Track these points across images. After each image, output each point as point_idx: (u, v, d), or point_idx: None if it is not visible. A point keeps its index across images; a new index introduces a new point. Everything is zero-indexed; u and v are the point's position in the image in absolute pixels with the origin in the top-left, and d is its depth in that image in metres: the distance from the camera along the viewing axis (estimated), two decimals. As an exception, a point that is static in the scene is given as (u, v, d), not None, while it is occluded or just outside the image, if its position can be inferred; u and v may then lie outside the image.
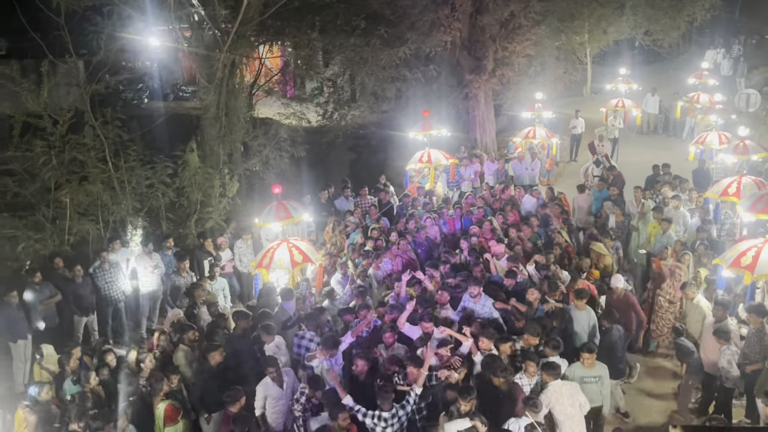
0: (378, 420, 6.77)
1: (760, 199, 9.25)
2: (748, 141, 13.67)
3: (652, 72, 30.78)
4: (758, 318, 8.44)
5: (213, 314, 9.61)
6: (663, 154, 19.15)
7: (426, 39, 17.40)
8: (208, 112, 14.35)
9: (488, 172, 16.83)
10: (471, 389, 6.80)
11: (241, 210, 14.10)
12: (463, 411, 6.60)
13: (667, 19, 21.73)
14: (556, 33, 20.60)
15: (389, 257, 11.21)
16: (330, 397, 6.99)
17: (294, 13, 16.91)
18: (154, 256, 11.59)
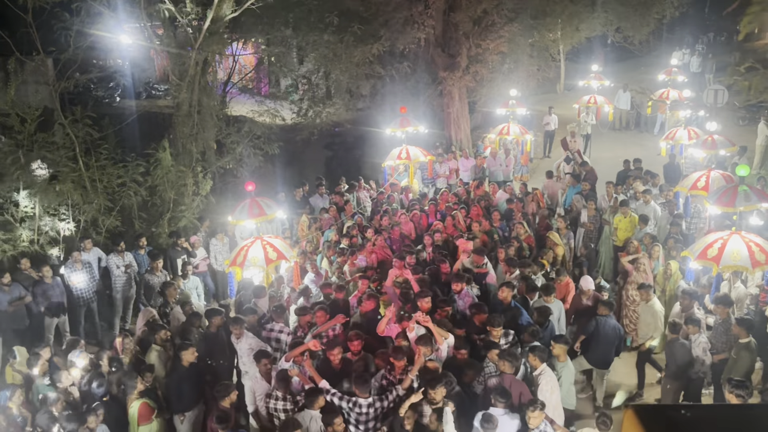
0: (353, 405, 6.79)
1: (725, 192, 9.41)
2: (717, 136, 13.90)
3: (623, 69, 31.21)
4: (725, 308, 8.64)
5: (186, 313, 9.54)
6: (635, 149, 19.44)
7: (400, 36, 17.43)
8: (180, 110, 14.22)
9: (463, 169, 16.94)
10: (441, 378, 6.83)
11: (215, 208, 14.01)
12: (434, 400, 6.64)
13: (637, 17, 22.02)
14: (529, 30, 20.71)
15: (364, 254, 11.23)
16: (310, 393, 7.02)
17: (267, 9, 16.79)
18: (127, 256, 11.48)
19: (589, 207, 12.95)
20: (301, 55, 20.57)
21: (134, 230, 12.84)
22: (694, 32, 33.79)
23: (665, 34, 34.17)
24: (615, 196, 13.15)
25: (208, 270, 12.39)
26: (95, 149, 12.60)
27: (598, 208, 13.15)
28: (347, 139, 22.23)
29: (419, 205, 13.61)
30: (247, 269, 9.75)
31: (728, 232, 8.73)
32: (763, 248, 8.44)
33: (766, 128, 17.61)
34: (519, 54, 21.21)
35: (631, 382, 9.76)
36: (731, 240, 8.54)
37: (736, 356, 7.95)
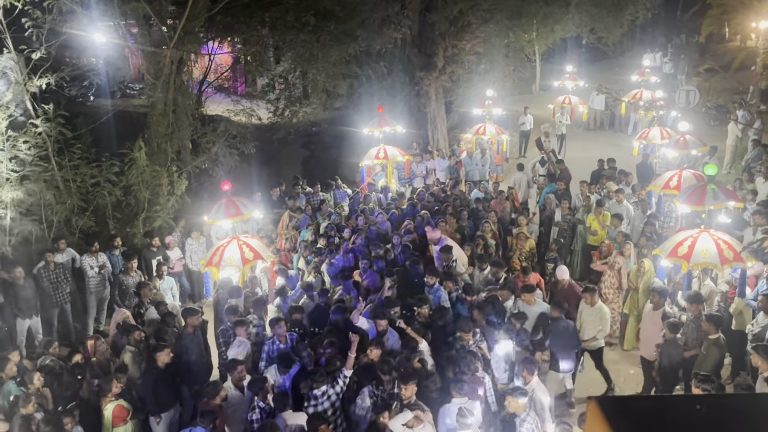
0: (310, 398, 7.00)
1: (694, 191, 9.58)
2: (688, 136, 14.12)
3: (598, 69, 31.55)
4: (696, 306, 8.80)
5: (161, 313, 9.48)
6: (609, 149, 19.67)
7: (376, 36, 17.47)
8: (155, 109, 14.10)
9: (439, 169, 17.03)
10: (413, 374, 6.88)
11: (191, 208, 13.93)
12: (404, 397, 6.69)
13: (610, 18, 22.33)
14: (505, 31, 20.92)
15: (341, 254, 11.25)
16: (279, 398, 7.04)
17: (243, 9, 16.74)
18: (101, 256, 11.36)
19: (562, 206, 13.10)
20: (278, 55, 20.51)
21: (108, 230, 12.72)
22: (667, 34, 34.28)
23: (638, 35, 34.62)
24: (588, 195, 13.31)
25: (183, 270, 12.32)
26: (68, 148, 12.46)
27: (572, 207, 13.31)
28: (324, 139, 22.21)
29: (396, 205, 13.66)
30: (224, 269, 9.73)
31: (698, 231, 8.89)
32: (731, 246, 8.61)
33: (736, 129, 17.95)
34: (495, 54, 21.41)
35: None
36: (700, 238, 8.71)
37: (706, 351, 8.10)
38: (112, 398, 7.54)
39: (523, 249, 11.27)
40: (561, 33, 24.15)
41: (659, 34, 33.42)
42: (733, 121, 17.75)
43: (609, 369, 10.07)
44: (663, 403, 2.70)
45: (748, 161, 16.38)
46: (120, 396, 7.63)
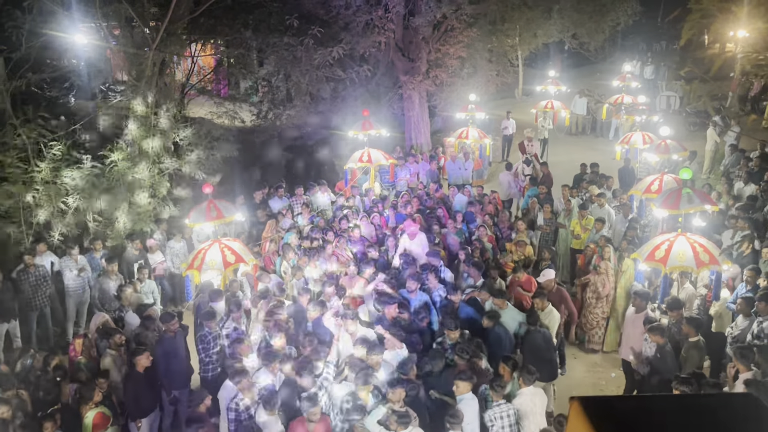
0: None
1: (670, 195, 9.67)
2: (669, 141, 14.28)
3: (580, 75, 31.86)
4: (677, 312, 8.89)
5: (142, 317, 9.39)
6: (591, 153, 19.84)
7: (360, 40, 17.47)
8: (137, 111, 13.99)
9: (422, 172, 17.07)
10: (399, 380, 6.87)
11: (173, 210, 13.81)
12: (392, 401, 6.67)
13: (592, 24, 22.52)
14: (488, 35, 21.01)
15: (324, 256, 11.22)
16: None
17: (226, 11, 16.70)
18: (80, 259, 11.24)
19: (545, 210, 13.18)
20: (261, 58, 20.46)
21: (89, 233, 12.59)
22: (647, 40, 34.66)
23: (620, 41, 34.98)
24: (570, 199, 13.40)
25: (165, 273, 12.21)
26: (48, 150, 12.33)
27: (554, 211, 13.40)
28: (307, 142, 22.16)
29: (378, 208, 13.66)
30: (205, 272, 9.65)
31: (674, 234, 8.98)
32: (707, 249, 8.70)
33: (714, 134, 18.18)
34: (478, 59, 21.50)
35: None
36: (677, 241, 8.78)
37: (686, 354, 8.17)
38: (92, 405, 7.44)
39: (522, 255, 11.30)
40: (544, 38, 24.32)
41: (640, 41, 33.78)
42: (712, 125, 17.96)
43: (591, 372, 10.17)
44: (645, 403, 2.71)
45: (727, 166, 16.60)
46: (101, 403, 7.53)
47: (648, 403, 2.68)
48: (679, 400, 2.62)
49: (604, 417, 2.37)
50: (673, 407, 2.55)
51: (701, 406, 2.54)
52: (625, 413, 2.42)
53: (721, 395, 4.72)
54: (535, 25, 21.91)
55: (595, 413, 2.38)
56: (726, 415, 2.44)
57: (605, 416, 2.38)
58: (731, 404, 2.62)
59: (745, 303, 8.84)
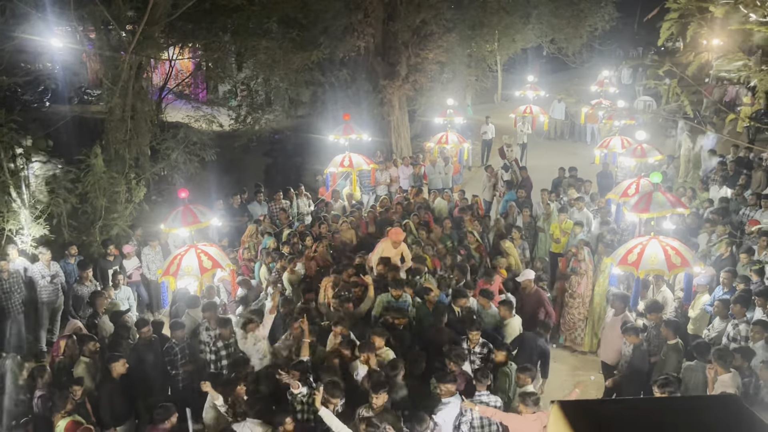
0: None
1: (641, 199, 9.74)
2: (645, 145, 14.41)
3: (558, 80, 32.10)
4: (657, 315, 8.95)
5: (116, 324, 9.24)
6: (569, 158, 19.98)
7: (339, 44, 17.45)
8: (113, 115, 13.81)
9: (402, 177, 17.07)
10: (384, 384, 6.81)
11: (149, 216, 13.64)
12: (375, 406, 6.61)
13: (570, 29, 22.73)
14: (467, 40, 21.11)
15: (303, 261, 11.14)
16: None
17: (204, 14, 16.54)
18: (53, 265, 11.03)
19: (524, 214, 13.22)
20: (240, 61, 20.34)
21: (63, 239, 12.38)
22: (624, 46, 35.07)
23: (598, 46, 35.34)
24: (549, 203, 13.46)
25: (141, 280, 12.05)
26: (22, 155, 12.12)
27: (533, 215, 13.44)
28: (287, 147, 22.07)
29: (359, 212, 13.60)
30: (181, 278, 9.52)
31: (647, 237, 9.04)
32: (679, 251, 8.76)
33: (688, 140, 18.37)
34: (457, 64, 21.60)
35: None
36: (650, 245, 8.83)
37: (665, 357, 8.22)
38: (64, 414, 7.27)
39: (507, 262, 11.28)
40: (522, 43, 24.51)
41: (617, 47, 34.15)
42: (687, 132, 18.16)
43: (571, 375, 10.19)
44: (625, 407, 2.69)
45: (706, 171, 16.78)
46: (73, 411, 7.36)
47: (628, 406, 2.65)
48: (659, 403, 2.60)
49: (584, 421, 2.35)
50: (653, 410, 2.54)
51: (681, 408, 2.53)
52: (605, 417, 2.40)
53: (701, 397, 4.73)
54: (514, 30, 22.07)
55: (576, 417, 2.36)
56: (706, 417, 2.43)
57: (585, 420, 2.36)
58: (711, 406, 2.61)
59: (722, 305, 8.92)
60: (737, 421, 2.41)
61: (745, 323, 8.45)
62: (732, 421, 2.41)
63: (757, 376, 7.32)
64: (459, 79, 22.12)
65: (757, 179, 14.59)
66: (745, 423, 2.41)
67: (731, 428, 2.37)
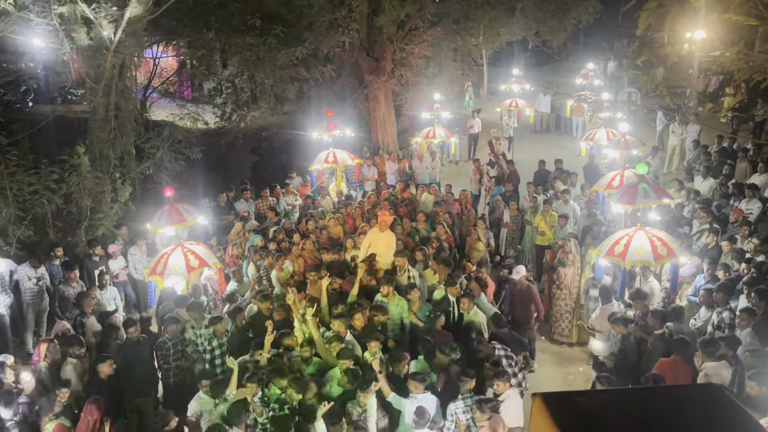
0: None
1: (627, 191, 9.80)
2: (629, 136, 14.48)
3: (544, 73, 32.19)
4: (642, 303, 9.02)
5: (103, 324, 9.18)
6: (556, 151, 20.06)
7: (324, 39, 17.37)
8: (96, 115, 13.69)
9: (389, 172, 17.06)
10: (370, 381, 6.85)
11: (135, 215, 13.56)
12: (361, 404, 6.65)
13: (554, 22, 22.72)
14: (452, 35, 21.09)
15: (291, 258, 11.10)
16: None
17: (187, 12, 16.44)
18: (40, 268, 10.92)
19: (511, 207, 13.26)
20: (224, 58, 20.24)
21: (49, 240, 12.28)
22: (609, 38, 35.19)
23: (582, 39, 35.44)
24: (535, 196, 13.50)
25: (128, 280, 11.97)
26: (4, 155, 12.00)
27: (519, 208, 13.48)
28: (273, 144, 21.99)
29: (346, 209, 13.57)
30: (168, 278, 9.47)
31: (634, 229, 9.10)
32: (665, 242, 8.82)
33: (678, 130, 18.44)
34: (443, 58, 21.58)
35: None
36: (636, 236, 8.89)
37: (652, 347, 8.28)
38: (52, 417, 7.21)
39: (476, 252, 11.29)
40: (507, 37, 24.50)
41: (601, 39, 34.26)
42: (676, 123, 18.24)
43: (560, 366, 10.25)
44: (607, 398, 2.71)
45: (690, 161, 16.89)
46: (61, 414, 7.31)
47: (609, 398, 2.67)
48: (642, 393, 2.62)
49: (567, 413, 2.36)
50: (636, 400, 2.55)
51: (664, 397, 2.55)
52: (587, 408, 2.41)
53: (683, 387, 4.76)
54: (498, 24, 22.04)
55: (558, 409, 2.37)
56: (688, 406, 2.44)
57: (567, 412, 2.37)
58: (693, 395, 2.63)
59: (707, 294, 9.00)
60: (719, 410, 2.43)
61: (729, 311, 8.54)
62: (714, 410, 2.43)
63: (743, 364, 7.39)
64: (445, 74, 22.10)
65: (741, 170, 14.70)
66: (726, 412, 2.43)
67: (713, 417, 2.39)
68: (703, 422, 2.34)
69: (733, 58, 6.48)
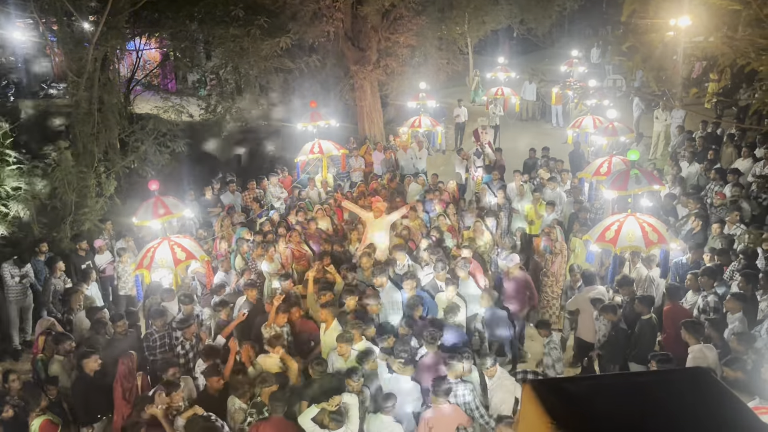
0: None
1: (618, 177, 9.84)
2: (616, 123, 14.52)
3: (529, 61, 32.14)
4: (628, 288, 9.07)
5: (92, 320, 9.11)
6: (542, 138, 20.09)
7: (308, 29, 17.26)
8: (79, 109, 13.55)
9: (376, 162, 17.02)
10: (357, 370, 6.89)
11: (121, 209, 13.47)
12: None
13: (539, 9, 22.77)
14: (437, 23, 21.04)
15: (279, 250, 11.06)
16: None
17: (170, 3, 16.30)
18: (23, 266, 10.80)
19: (498, 195, 13.27)
20: (208, 50, 20.08)
21: (33, 236, 12.16)
22: (594, 25, 35.21)
23: (567, 26, 35.46)
24: (522, 184, 13.52)
25: (114, 274, 11.88)
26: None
27: (507, 196, 13.49)
28: (259, 135, 21.89)
29: (333, 200, 13.54)
30: (155, 271, 9.41)
31: (624, 215, 9.13)
32: (655, 228, 8.87)
33: (663, 115, 18.49)
34: (428, 47, 21.53)
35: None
36: (627, 222, 8.93)
37: (639, 332, 8.34)
38: (39, 412, 7.17)
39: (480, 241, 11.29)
40: (492, 25, 24.50)
41: (586, 26, 34.30)
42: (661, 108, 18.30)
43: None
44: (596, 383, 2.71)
45: (674, 147, 16.97)
46: (48, 409, 7.27)
47: (598, 383, 2.67)
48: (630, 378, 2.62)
49: (556, 399, 2.36)
50: (624, 385, 2.55)
51: (651, 382, 2.55)
52: (576, 394, 2.41)
53: (671, 370, 4.80)
54: (483, 12, 22.03)
55: (547, 396, 2.37)
56: (676, 389, 2.45)
57: (557, 398, 2.37)
58: (681, 379, 2.64)
59: (693, 278, 9.07)
60: (707, 394, 2.44)
61: (714, 294, 8.60)
62: (702, 394, 2.44)
63: (728, 347, 7.46)
64: (430, 63, 22.06)
65: (727, 155, 14.80)
66: (714, 396, 2.44)
67: (701, 401, 2.40)
68: (692, 406, 2.35)
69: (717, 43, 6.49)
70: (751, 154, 13.85)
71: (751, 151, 13.95)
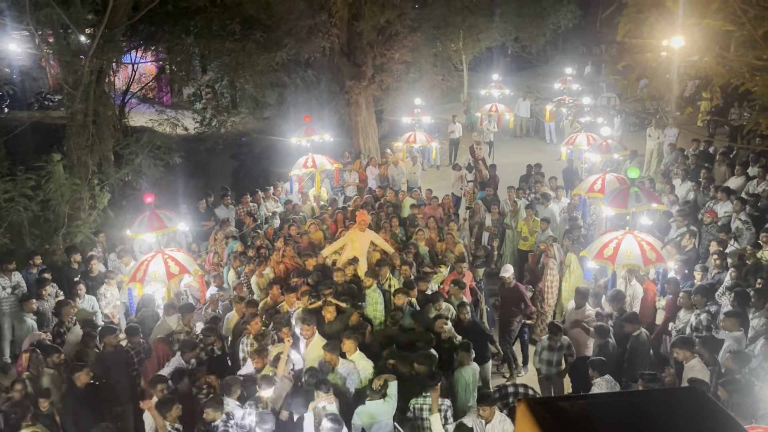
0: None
1: (618, 194, 9.88)
2: (610, 140, 14.60)
3: (523, 78, 32.37)
4: (618, 304, 9.08)
5: (84, 333, 9.04)
6: (535, 155, 20.17)
7: (304, 44, 17.35)
8: (74, 121, 13.54)
9: (371, 177, 17.05)
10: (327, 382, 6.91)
11: (114, 222, 13.42)
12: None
13: (533, 27, 22.96)
14: (432, 40, 21.20)
15: (272, 264, 11.02)
16: None
17: (166, 16, 16.33)
18: (14, 276, 10.72)
19: (492, 211, 13.31)
20: (204, 63, 20.13)
21: (26, 248, 12.09)
22: (587, 43, 35.48)
23: (561, 44, 35.72)
24: (516, 200, 13.56)
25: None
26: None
27: (500, 212, 13.53)
28: (254, 149, 21.91)
29: (327, 213, 13.52)
30: (148, 284, 9.37)
31: (622, 232, 9.17)
32: (653, 246, 8.91)
33: (655, 133, 18.60)
34: (423, 63, 21.67)
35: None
36: (625, 239, 8.97)
37: (631, 349, 8.34)
38: (28, 423, 7.09)
39: (453, 253, 11.28)
40: (486, 42, 24.68)
41: (579, 44, 34.54)
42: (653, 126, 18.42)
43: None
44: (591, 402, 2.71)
45: (667, 165, 17.05)
46: (39, 421, 7.19)
47: (594, 402, 2.67)
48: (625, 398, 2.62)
49: (552, 418, 2.36)
50: (619, 404, 2.55)
51: (646, 402, 2.55)
52: (572, 413, 2.41)
53: (667, 390, 4.79)
54: (478, 29, 22.20)
55: (541, 414, 2.37)
56: (671, 410, 2.45)
57: (553, 417, 2.36)
58: (677, 399, 2.64)
59: (686, 296, 9.07)
60: (703, 414, 2.44)
61: (707, 313, 8.60)
62: (698, 414, 2.44)
63: (720, 365, 7.46)
64: (425, 79, 22.18)
65: (720, 173, 14.87)
66: (710, 416, 2.44)
67: (697, 421, 2.40)
68: (687, 426, 2.35)
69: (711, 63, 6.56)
70: (744, 172, 13.93)
71: (744, 169, 14.03)
